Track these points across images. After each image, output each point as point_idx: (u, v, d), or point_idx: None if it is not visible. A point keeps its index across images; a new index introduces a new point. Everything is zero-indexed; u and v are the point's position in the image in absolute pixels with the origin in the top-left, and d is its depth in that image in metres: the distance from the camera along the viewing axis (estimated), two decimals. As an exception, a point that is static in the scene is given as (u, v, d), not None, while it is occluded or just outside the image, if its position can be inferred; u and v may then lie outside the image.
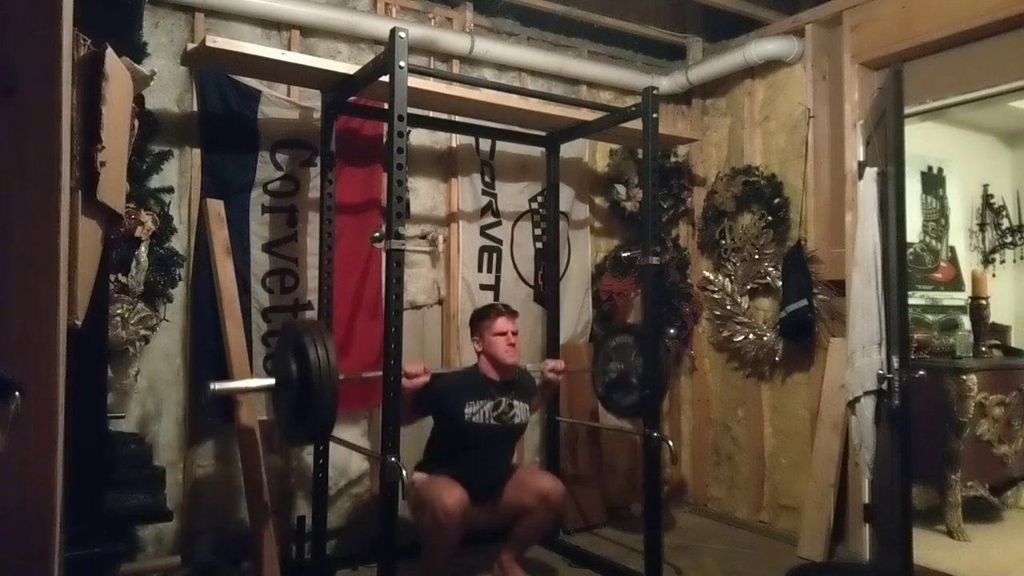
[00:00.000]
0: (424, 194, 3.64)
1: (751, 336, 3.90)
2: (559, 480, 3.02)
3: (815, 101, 3.67)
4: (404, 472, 2.39)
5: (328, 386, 2.32)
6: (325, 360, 2.32)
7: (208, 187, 3.07)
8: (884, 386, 2.79)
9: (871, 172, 2.99)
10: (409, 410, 2.71)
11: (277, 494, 3.15)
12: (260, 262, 3.17)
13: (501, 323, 2.96)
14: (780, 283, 3.71)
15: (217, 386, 2.52)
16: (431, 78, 3.14)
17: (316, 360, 2.32)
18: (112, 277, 2.56)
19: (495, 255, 3.79)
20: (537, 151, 3.78)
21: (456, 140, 3.70)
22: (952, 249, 4.97)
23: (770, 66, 3.90)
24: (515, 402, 2.98)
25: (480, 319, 3.04)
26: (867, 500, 3.29)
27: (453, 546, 2.74)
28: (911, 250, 4.61)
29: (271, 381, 2.57)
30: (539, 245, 3.92)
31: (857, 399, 2.95)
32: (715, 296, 4.07)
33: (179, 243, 3.01)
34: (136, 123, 2.36)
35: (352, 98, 3.07)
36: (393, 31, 2.47)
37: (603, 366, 3.54)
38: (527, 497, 2.89)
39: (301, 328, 2.46)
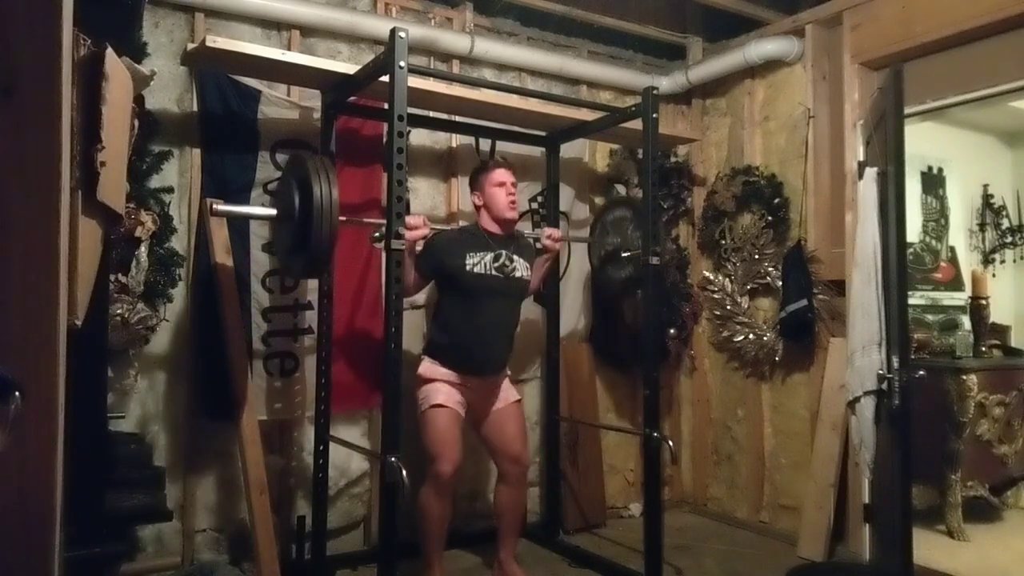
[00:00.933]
0: (424, 194, 3.64)
1: (751, 336, 3.90)
2: (528, 453, 3.15)
3: (815, 101, 3.67)
4: (404, 472, 2.39)
5: (327, 220, 2.36)
6: (328, 196, 2.36)
7: (208, 187, 3.06)
8: (884, 386, 2.79)
9: (871, 172, 2.99)
10: (412, 271, 2.75)
11: (277, 494, 3.14)
12: (260, 262, 3.17)
13: (500, 174, 2.99)
14: (780, 283, 3.71)
15: (220, 207, 2.64)
16: (431, 78, 3.14)
17: (319, 196, 2.35)
18: (112, 277, 2.56)
19: (495, 255, 3.79)
20: (537, 151, 3.78)
21: (456, 140, 3.70)
22: (952, 249, 4.97)
23: (770, 66, 3.90)
24: (515, 256, 3.00)
25: (479, 172, 3.06)
26: (867, 500, 3.29)
27: (447, 500, 2.84)
28: (911, 250, 4.61)
29: (272, 212, 2.64)
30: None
31: (857, 399, 2.96)
32: (715, 296, 4.07)
33: (179, 243, 3.01)
34: (136, 123, 2.36)
35: (352, 98, 3.07)
36: (393, 31, 2.47)
37: (600, 238, 3.58)
38: (504, 441, 3.01)
39: (308, 163, 2.47)
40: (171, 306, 2.99)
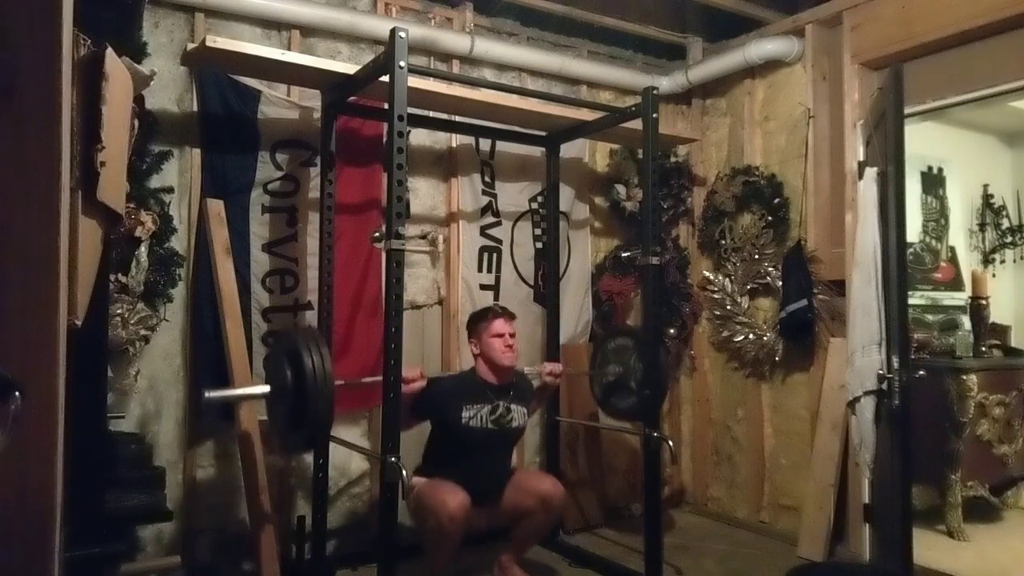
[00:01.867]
0: (424, 194, 3.64)
1: (751, 336, 3.90)
2: (559, 482, 3.01)
3: (815, 101, 3.67)
4: (404, 472, 2.39)
5: (323, 395, 2.30)
6: (320, 368, 2.30)
7: (208, 187, 3.06)
8: (884, 386, 2.79)
9: (871, 172, 2.99)
10: (407, 415, 2.69)
11: (277, 494, 3.14)
12: (260, 262, 3.17)
13: (498, 325, 2.95)
14: (780, 283, 3.71)
15: (212, 394, 2.51)
16: (431, 78, 3.14)
17: (311, 368, 2.29)
18: (112, 277, 2.56)
19: (495, 255, 3.79)
20: (537, 151, 3.78)
21: (456, 140, 3.70)
22: (952, 249, 4.97)
23: (770, 66, 3.90)
24: (513, 405, 2.96)
25: (477, 321, 3.03)
26: (867, 500, 3.29)
27: (455, 548, 2.73)
28: (911, 250, 4.61)
29: (266, 389, 2.54)
30: (539, 245, 3.92)
31: (857, 399, 2.96)
32: (715, 296, 4.07)
33: (179, 243, 3.01)
34: (136, 123, 2.36)
35: (352, 98, 3.07)
36: (393, 31, 2.47)
37: (602, 368, 3.54)
38: (527, 499, 2.88)
39: (296, 336, 2.44)
40: (171, 306, 2.99)
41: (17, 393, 0.98)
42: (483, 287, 3.74)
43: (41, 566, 1.15)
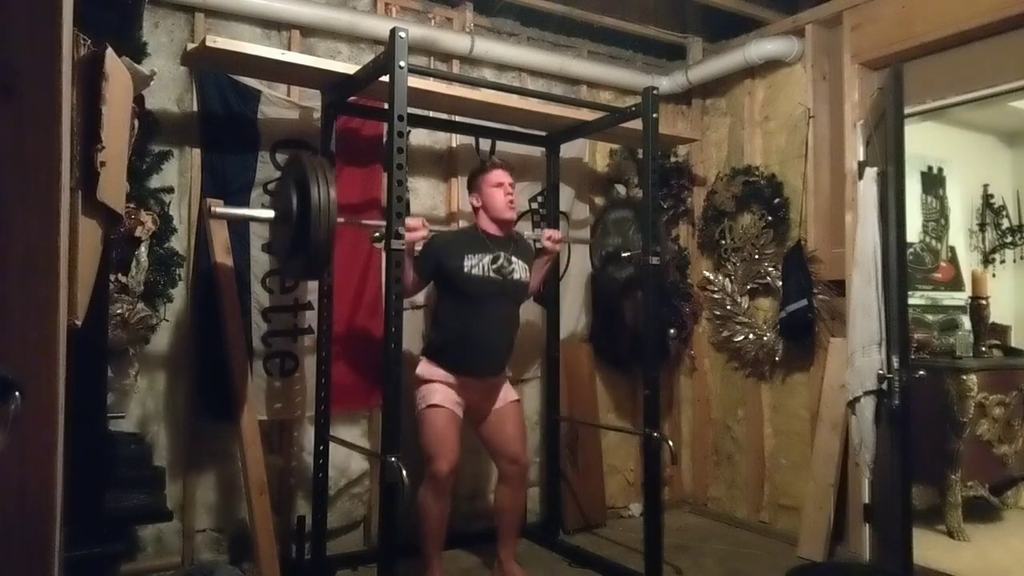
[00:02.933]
0: (424, 194, 3.64)
1: (751, 336, 3.90)
2: (527, 454, 3.15)
3: (815, 101, 3.67)
4: (404, 472, 2.39)
5: (325, 223, 2.36)
6: (326, 197, 2.36)
7: (208, 187, 3.06)
8: (884, 386, 2.79)
9: (871, 172, 3.00)
10: (410, 272, 2.74)
11: (277, 494, 3.14)
12: (260, 262, 3.17)
13: (498, 175, 2.99)
14: (780, 283, 3.71)
15: (219, 209, 2.63)
16: (431, 78, 3.14)
17: (317, 197, 2.35)
18: (112, 277, 2.56)
19: (495, 255, 3.79)
20: (537, 151, 3.78)
21: (456, 140, 3.70)
22: (952, 249, 4.97)
23: (770, 66, 3.90)
24: (514, 258, 2.99)
25: (477, 174, 3.06)
26: (867, 500, 3.29)
27: (445, 500, 2.84)
28: (911, 250, 4.61)
29: (271, 213, 2.63)
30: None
31: (857, 399, 2.96)
32: (715, 296, 4.07)
33: (179, 243, 3.01)
34: (136, 123, 2.36)
35: (352, 98, 3.07)
36: (393, 31, 2.47)
37: (601, 239, 3.58)
38: (502, 442, 3.01)
39: (305, 165, 2.47)
40: (171, 306, 2.99)
41: (17, 393, 0.98)
42: (483, 287, 3.73)
43: (41, 566, 1.15)
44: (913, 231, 4.68)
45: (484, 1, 3.83)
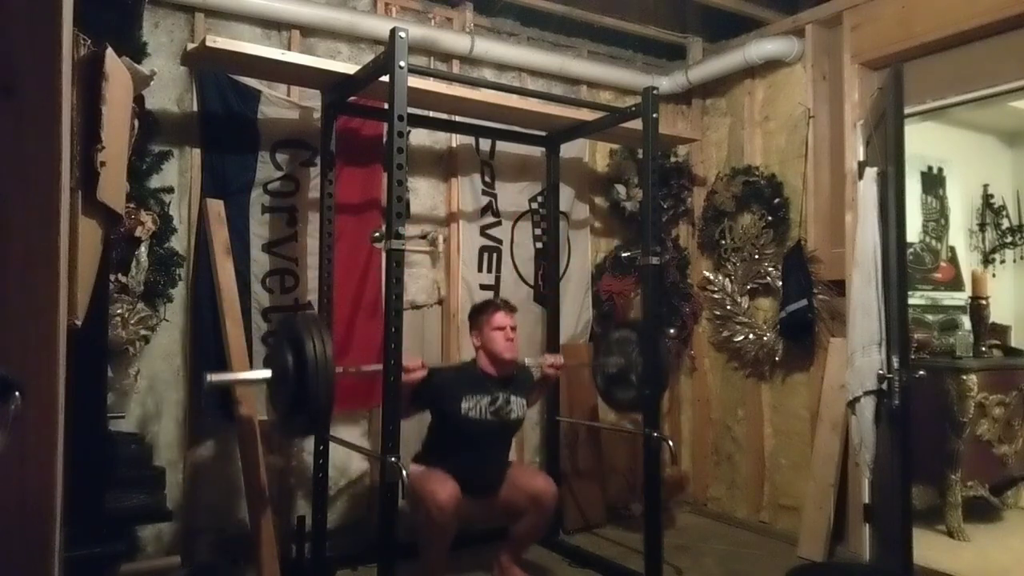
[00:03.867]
0: (424, 194, 3.64)
1: (751, 336, 3.90)
2: (551, 481, 3.00)
3: (815, 101, 3.67)
4: (404, 472, 2.39)
5: (324, 379, 2.32)
6: (322, 353, 2.33)
7: (208, 187, 3.07)
8: (884, 386, 2.79)
9: (871, 172, 2.99)
10: (407, 404, 2.71)
11: (277, 494, 3.14)
12: (260, 262, 3.17)
13: (499, 318, 2.96)
14: (780, 283, 3.71)
15: (214, 377, 2.53)
16: (431, 78, 3.14)
17: (312, 353, 2.32)
18: (112, 277, 2.56)
19: (495, 255, 3.79)
20: (537, 151, 3.78)
21: (456, 140, 3.70)
22: (952, 249, 4.97)
23: (770, 66, 3.90)
24: (512, 397, 2.97)
25: (478, 314, 3.03)
26: (867, 500, 3.29)
27: (448, 540, 2.74)
28: (911, 250, 4.61)
29: (268, 373, 2.57)
30: (539, 245, 3.92)
31: (857, 399, 2.96)
32: (715, 296, 4.07)
33: (179, 243, 3.01)
34: (136, 123, 2.36)
35: (352, 98, 3.07)
36: (393, 31, 2.47)
37: (604, 360, 3.55)
38: (520, 497, 2.89)
39: (298, 321, 2.47)
40: (171, 306, 2.99)
41: (17, 393, 0.98)
42: (483, 287, 3.74)
43: (41, 566, 1.15)
44: (913, 231, 4.68)
45: (484, 1, 3.83)
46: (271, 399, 2.69)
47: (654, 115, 3.07)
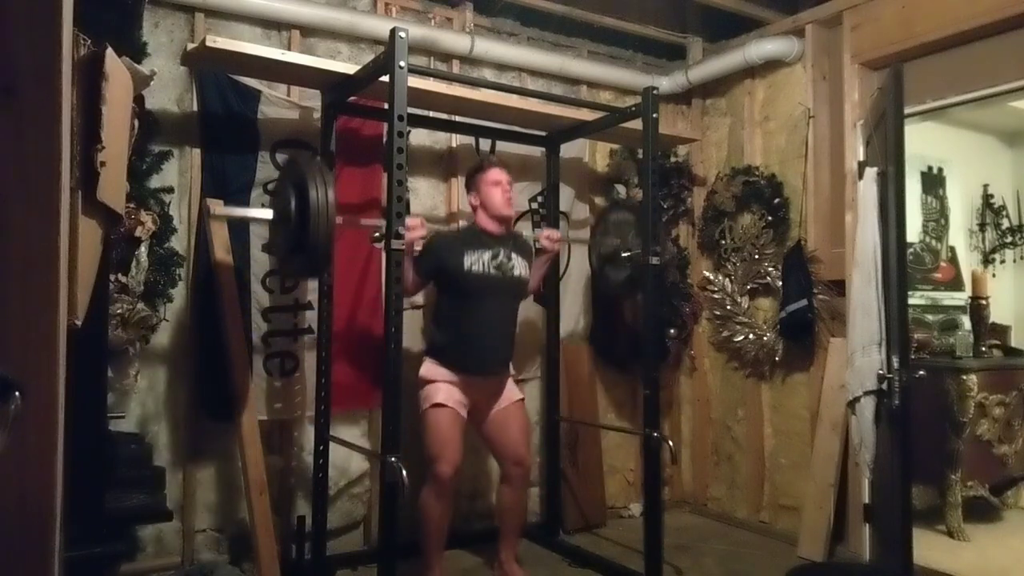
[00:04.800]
0: (424, 194, 3.64)
1: (751, 336, 3.90)
2: (528, 455, 3.13)
3: (815, 101, 3.67)
4: (404, 472, 2.39)
5: (324, 224, 2.36)
6: (324, 197, 2.36)
7: (208, 187, 3.06)
8: (884, 386, 2.79)
9: (871, 172, 3.00)
10: (411, 272, 2.76)
11: (277, 494, 3.14)
12: (260, 262, 3.17)
13: (495, 173, 3.02)
14: (780, 283, 3.71)
15: (219, 209, 2.65)
16: (431, 78, 3.14)
17: (315, 197, 2.36)
18: (112, 277, 2.56)
19: (495, 255, 3.79)
20: (537, 151, 3.78)
21: (456, 140, 3.70)
22: (952, 249, 4.97)
23: (770, 66, 3.90)
24: (513, 254, 3.00)
25: (475, 172, 3.08)
26: (867, 500, 3.29)
27: (448, 499, 2.85)
28: (911, 250, 4.61)
29: (270, 213, 2.64)
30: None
31: (857, 399, 2.96)
32: (715, 296, 4.07)
33: (179, 243, 3.01)
34: (136, 123, 2.36)
35: (352, 98, 3.07)
36: (393, 31, 2.47)
37: (600, 239, 3.60)
38: (505, 445, 3.01)
39: (304, 166, 2.48)
40: (171, 306, 2.99)
41: (17, 393, 0.97)
42: (483, 287, 3.73)
43: (41, 566, 1.15)
44: (913, 231, 4.68)
45: (484, 1, 3.83)
46: (272, 240, 2.80)
47: (654, 115, 3.07)
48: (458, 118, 3.52)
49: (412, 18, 3.65)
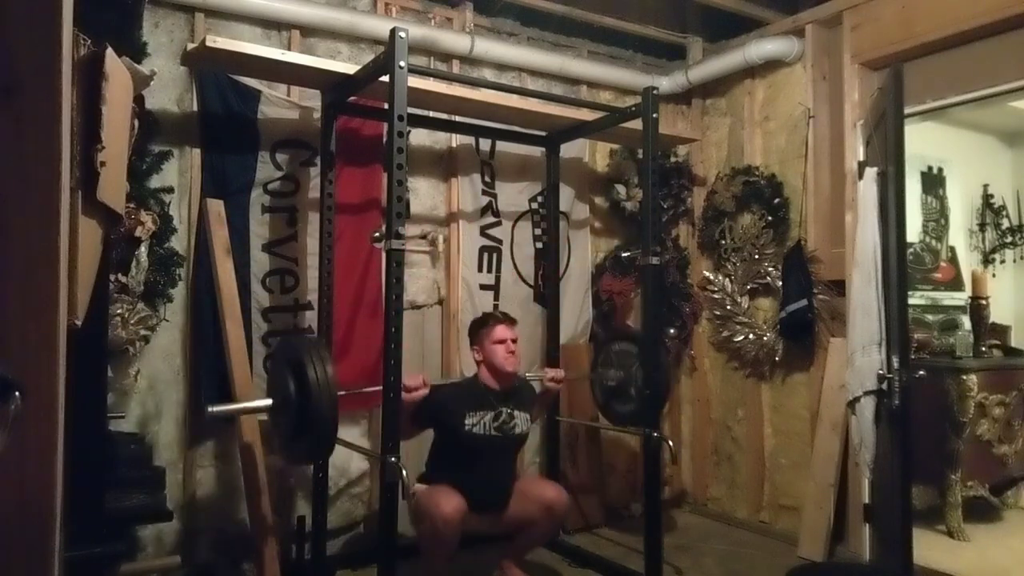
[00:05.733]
0: (424, 194, 3.64)
1: (751, 336, 3.90)
2: (562, 489, 3.00)
3: (815, 101, 3.67)
4: (404, 472, 2.38)
5: (327, 407, 2.28)
6: (324, 380, 2.28)
7: (208, 187, 3.06)
8: (884, 386, 2.79)
9: (871, 172, 2.99)
10: (408, 423, 2.68)
11: (277, 494, 3.14)
12: (260, 262, 3.17)
13: (500, 331, 2.93)
14: (780, 283, 3.72)
15: (215, 408, 2.49)
16: (431, 78, 3.14)
17: (315, 380, 2.27)
18: (112, 277, 2.56)
19: (495, 255, 3.79)
20: (537, 151, 3.78)
21: (456, 140, 3.70)
22: (952, 249, 4.97)
23: (770, 66, 3.90)
24: (516, 411, 2.94)
25: (479, 328, 3.01)
26: (867, 500, 3.29)
27: (450, 553, 2.72)
28: (911, 250, 4.61)
29: (269, 402, 2.53)
30: (539, 245, 3.92)
31: (857, 399, 2.96)
32: (715, 296, 4.07)
33: (179, 243, 3.01)
34: (136, 123, 2.36)
35: (352, 98, 3.07)
36: (393, 31, 2.47)
37: (603, 372, 3.52)
38: (531, 507, 2.88)
39: (298, 346, 2.43)
40: (171, 306, 2.99)
41: (17, 393, 0.97)
42: (483, 287, 3.74)
43: (41, 566, 1.15)
44: (913, 231, 4.68)
45: (484, 1, 3.83)
46: (272, 426, 2.62)
47: (654, 115, 3.07)
48: (458, 118, 3.52)
49: (412, 18, 3.65)
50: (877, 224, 2.91)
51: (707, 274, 4.13)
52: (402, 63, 2.46)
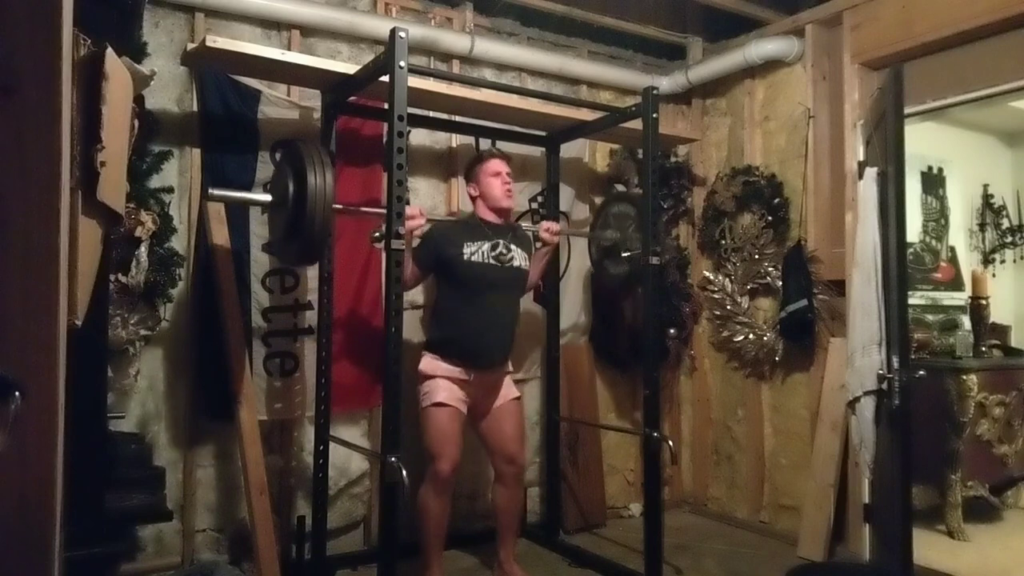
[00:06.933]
0: (424, 194, 3.64)
1: (751, 336, 3.90)
2: (523, 448, 3.16)
3: (815, 101, 3.67)
4: (404, 472, 2.39)
5: (322, 211, 2.36)
6: (322, 182, 2.36)
7: (208, 187, 3.06)
8: (884, 386, 2.79)
9: (871, 172, 2.99)
10: (409, 263, 2.72)
11: (277, 494, 3.14)
12: (260, 262, 3.17)
13: (495, 164, 3.02)
14: (780, 283, 3.71)
15: (216, 191, 2.62)
16: (431, 78, 3.14)
17: (313, 182, 2.36)
18: (112, 277, 2.56)
19: (495, 255, 3.79)
20: (537, 151, 3.78)
21: (456, 140, 3.70)
22: (952, 249, 4.97)
23: (770, 66, 3.90)
24: (512, 245, 3.00)
25: (474, 163, 3.08)
26: (867, 500, 3.29)
27: (448, 497, 2.86)
28: (911, 250, 4.61)
29: (268, 197, 2.64)
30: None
31: (857, 399, 2.96)
32: (715, 296, 4.07)
33: (179, 243, 3.01)
34: (136, 123, 2.36)
35: (352, 98, 3.07)
36: (393, 31, 2.47)
37: (600, 232, 3.61)
38: (500, 442, 3.00)
39: (303, 151, 2.47)
40: (171, 306, 2.99)
41: (17, 393, 0.98)
42: (483, 287, 3.73)
43: (41, 566, 1.15)
44: (913, 231, 4.68)
45: (484, 1, 3.83)
46: (270, 223, 2.79)
47: (654, 115, 3.07)
48: (458, 118, 3.52)
49: (412, 18, 3.65)
50: (877, 224, 2.91)
51: (707, 274, 4.13)
52: (402, 63, 2.46)
